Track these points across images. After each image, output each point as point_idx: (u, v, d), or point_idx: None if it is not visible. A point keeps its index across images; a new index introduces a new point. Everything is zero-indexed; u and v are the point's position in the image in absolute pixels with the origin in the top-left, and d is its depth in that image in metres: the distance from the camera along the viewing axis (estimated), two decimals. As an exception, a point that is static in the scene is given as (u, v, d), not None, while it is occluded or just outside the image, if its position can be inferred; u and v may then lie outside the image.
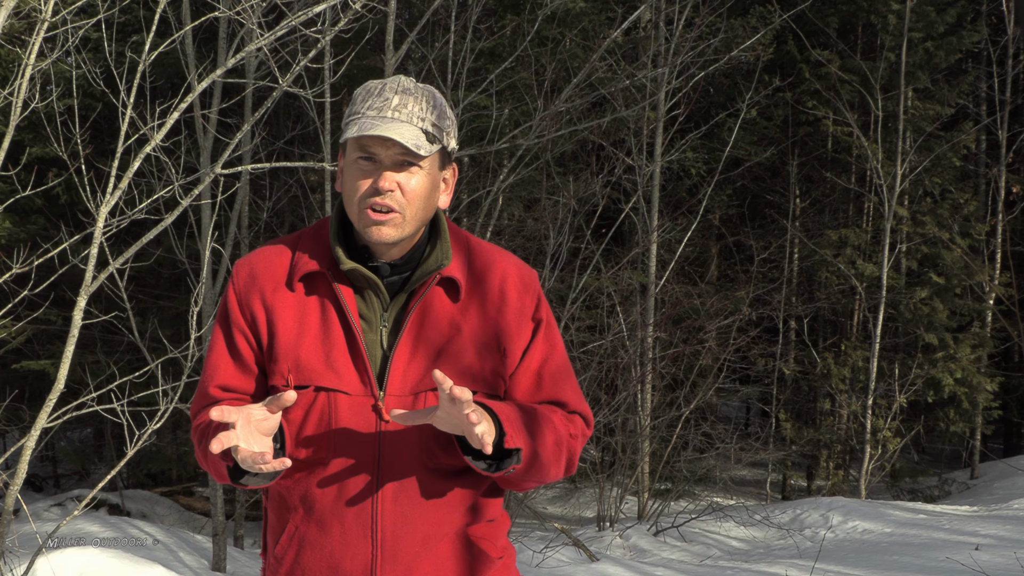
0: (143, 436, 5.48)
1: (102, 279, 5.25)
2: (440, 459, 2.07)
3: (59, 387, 5.12)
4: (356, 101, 2.05)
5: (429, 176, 2.06)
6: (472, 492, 2.13)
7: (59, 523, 6.08)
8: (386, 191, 2.01)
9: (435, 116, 2.04)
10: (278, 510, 2.16)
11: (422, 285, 2.09)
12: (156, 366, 5.82)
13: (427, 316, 2.09)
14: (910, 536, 9.81)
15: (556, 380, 2.17)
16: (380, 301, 2.09)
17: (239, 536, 10.58)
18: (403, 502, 2.06)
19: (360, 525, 2.06)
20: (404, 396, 2.05)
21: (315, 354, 2.06)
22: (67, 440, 14.90)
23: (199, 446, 2.14)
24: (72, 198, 10.79)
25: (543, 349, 2.16)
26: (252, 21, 5.72)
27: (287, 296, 2.10)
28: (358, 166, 2.04)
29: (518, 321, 2.13)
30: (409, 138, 1.99)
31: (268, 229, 11.91)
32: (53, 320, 11.09)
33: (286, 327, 2.08)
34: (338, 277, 2.08)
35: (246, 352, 2.12)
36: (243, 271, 2.14)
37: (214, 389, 2.13)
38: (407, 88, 2.04)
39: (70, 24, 5.49)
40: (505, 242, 11.47)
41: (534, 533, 10.76)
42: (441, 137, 2.05)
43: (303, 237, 2.15)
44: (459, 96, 9.87)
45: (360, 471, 2.05)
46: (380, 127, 1.98)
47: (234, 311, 2.13)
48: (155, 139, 5.27)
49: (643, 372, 11.70)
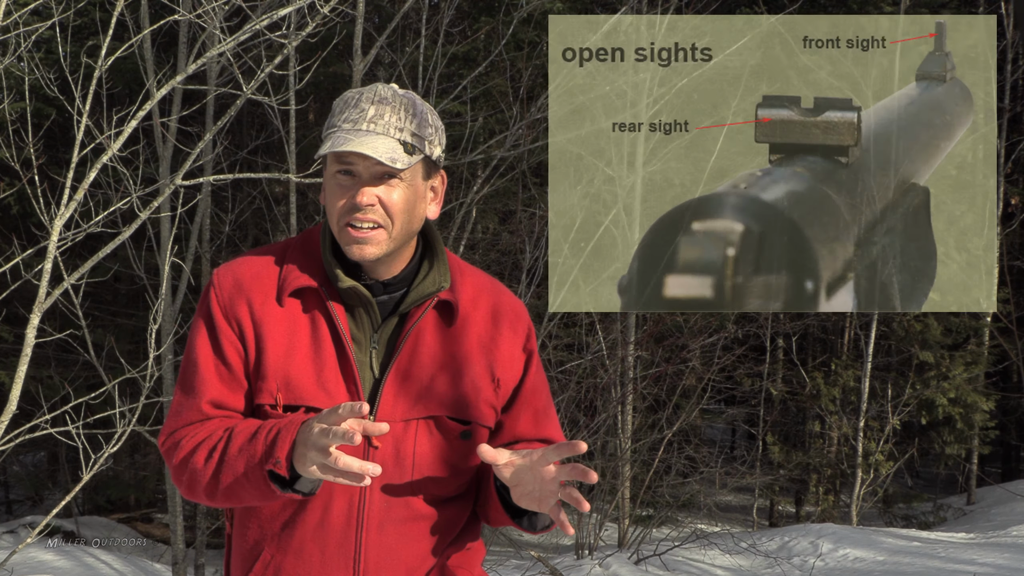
0: (99, 460, 5.49)
1: (56, 295, 5.29)
2: (430, 489, 2.06)
3: (11, 408, 5.18)
4: (334, 113, 2.03)
5: (411, 188, 2.02)
6: (456, 524, 2.12)
7: (11, 551, 6.04)
8: (365, 206, 1.98)
9: (415, 125, 2.00)
10: (247, 538, 2.09)
11: (418, 307, 2.06)
12: (113, 386, 5.82)
13: (420, 341, 2.07)
14: (904, 565, 9.71)
15: (549, 416, 2.19)
16: (371, 321, 2.06)
17: (200, 565, 10.39)
18: (389, 532, 2.03)
19: (342, 555, 2.02)
20: (395, 422, 2.02)
21: (306, 373, 2.02)
22: (19, 464, 14.73)
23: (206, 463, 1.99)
24: (25, 209, 10.68)
25: (537, 383, 2.17)
26: (214, 25, 5.70)
27: (276, 310, 2.05)
28: (337, 181, 2.01)
29: (511, 351, 2.13)
30: (384, 152, 1.95)
31: (231, 243, 11.86)
32: (5, 338, 11.04)
33: (275, 343, 2.03)
34: (331, 294, 2.05)
35: (236, 365, 2.05)
36: (227, 280, 2.08)
37: (206, 405, 2.04)
38: (384, 97, 2.01)
39: (23, 28, 5.50)
40: (479, 256, 11.36)
41: (509, 562, 10.72)
42: (422, 147, 2.01)
43: (290, 249, 2.11)
44: (431, 103, 9.61)
45: (344, 498, 2.01)
46: (353, 142, 1.95)
47: (220, 320, 2.06)
48: (112, 148, 5.29)
49: (623, 393, 11.58)
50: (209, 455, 1.99)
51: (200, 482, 2.01)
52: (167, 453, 2.08)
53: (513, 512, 2.06)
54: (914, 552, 10.19)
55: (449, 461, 2.06)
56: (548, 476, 1.90)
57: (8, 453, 6.30)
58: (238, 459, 1.94)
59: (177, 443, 2.04)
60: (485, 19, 11.30)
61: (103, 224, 5.56)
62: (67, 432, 5.52)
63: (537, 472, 1.91)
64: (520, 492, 1.96)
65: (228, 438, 1.97)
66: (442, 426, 2.05)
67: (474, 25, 11.42)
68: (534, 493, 1.94)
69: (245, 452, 1.93)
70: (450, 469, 2.06)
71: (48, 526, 10.96)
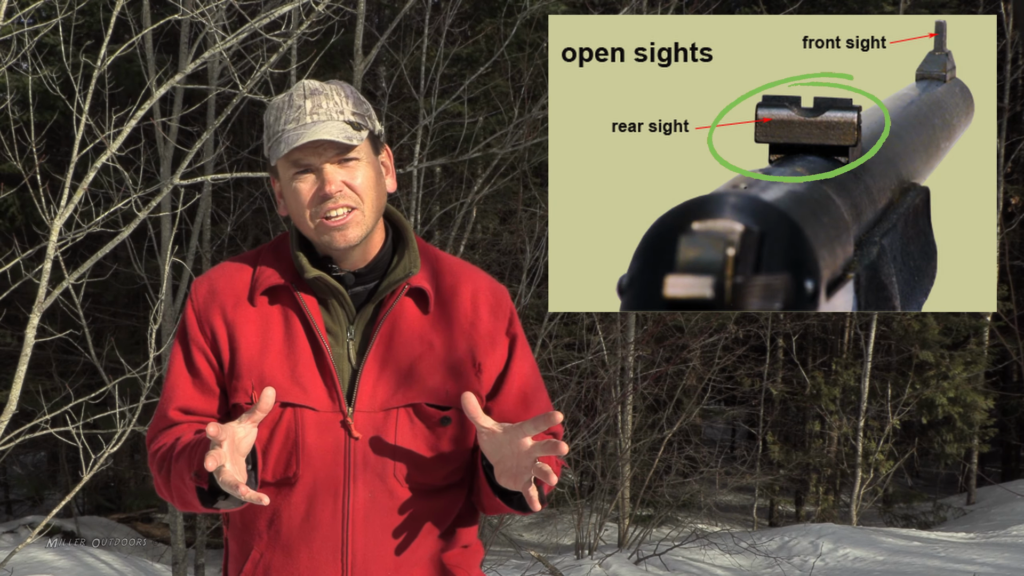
0: (99, 460, 5.47)
1: (56, 295, 5.28)
2: (415, 478, 2.04)
3: (11, 409, 5.13)
4: (269, 123, 2.05)
5: (370, 164, 2.05)
6: (447, 516, 2.10)
7: (11, 551, 6.03)
8: (334, 193, 1.99)
9: (351, 105, 2.04)
10: (240, 537, 2.10)
11: (391, 295, 2.07)
12: (113, 387, 5.81)
13: (396, 329, 2.06)
14: (903, 564, 9.73)
15: (537, 399, 2.17)
16: (346, 313, 2.06)
17: (200, 565, 10.37)
18: (375, 524, 2.02)
19: (329, 550, 2.01)
20: (374, 412, 2.02)
21: (280, 369, 2.02)
22: (20, 464, 14.79)
23: (160, 472, 2.05)
24: (25, 209, 10.74)
25: (523, 367, 2.16)
26: (214, 24, 5.68)
27: (249, 311, 2.07)
28: (296, 183, 2.02)
29: (492, 336, 2.12)
30: (337, 133, 1.98)
31: (231, 242, 11.82)
32: (6, 339, 11.04)
33: (248, 342, 2.04)
34: (301, 288, 2.06)
35: (206, 372, 2.08)
36: (202, 288, 2.11)
37: (173, 412, 2.08)
38: (315, 89, 2.03)
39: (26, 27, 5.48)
40: (480, 256, 11.33)
41: (509, 561, 10.75)
42: (365, 123, 2.04)
43: (263, 252, 2.13)
44: (432, 103, 9.77)
45: (329, 491, 2.01)
46: (306, 135, 1.97)
47: (193, 329, 2.09)
48: (112, 148, 5.26)
49: (624, 392, 11.56)
50: (162, 462, 2.03)
51: (162, 488, 2.07)
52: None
53: (503, 495, 2.03)
54: (914, 552, 10.21)
55: (432, 448, 2.05)
56: (523, 449, 1.88)
57: (8, 453, 6.29)
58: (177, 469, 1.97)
59: (149, 448, 2.11)
60: (487, 20, 11.28)
61: (103, 224, 5.53)
62: (67, 432, 5.50)
63: (515, 446, 1.90)
64: (500, 469, 1.95)
65: (174, 447, 2.00)
66: (422, 413, 2.04)
67: (476, 26, 11.40)
68: (511, 469, 1.92)
69: (180, 463, 1.96)
70: (434, 456, 2.05)
71: (48, 526, 10.93)
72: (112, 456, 5.75)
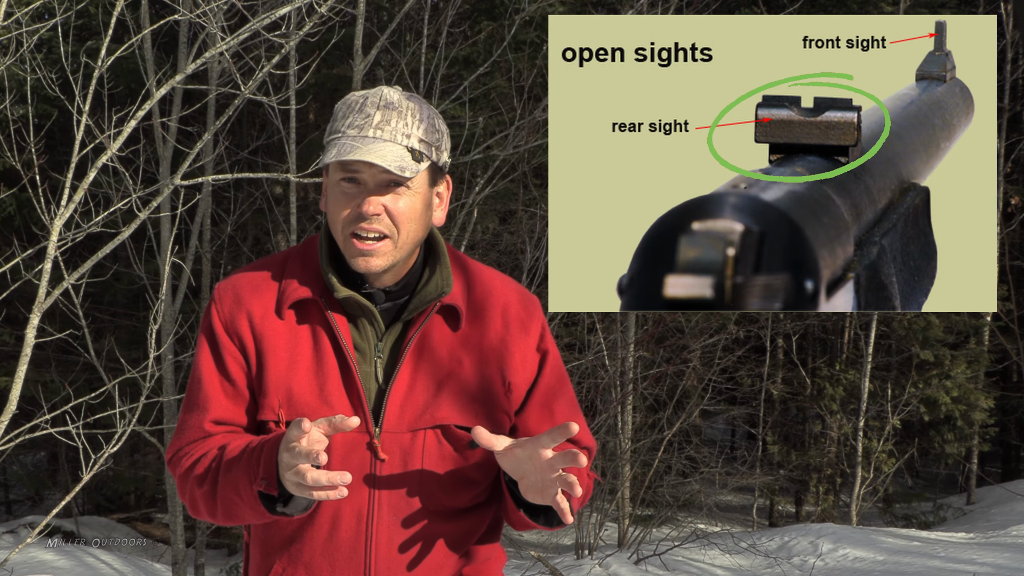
0: (99, 460, 5.47)
1: (56, 295, 5.28)
2: (441, 500, 2.00)
3: (11, 408, 5.14)
4: (336, 118, 1.95)
5: (419, 195, 1.96)
6: (472, 536, 2.06)
7: (11, 551, 6.02)
8: (371, 215, 1.91)
9: (422, 131, 1.93)
10: (263, 548, 2.06)
11: (420, 314, 2.00)
12: (113, 387, 5.80)
13: (426, 347, 2.00)
14: (903, 564, 9.71)
15: (566, 415, 2.09)
16: (375, 330, 2.00)
17: (200, 565, 10.39)
18: (399, 546, 1.98)
19: (352, 570, 1.97)
20: (401, 433, 1.97)
21: (308, 387, 1.97)
22: (19, 464, 14.67)
23: (202, 485, 1.96)
24: (25, 209, 10.65)
25: (551, 383, 2.09)
26: (214, 25, 5.67)
27: (277, 324, 2.00)
28: (341, 188, 1.94)
29: (523, 353, 2.06)
30: (392, 160, 1.88)
31: (231, 243, 11.79)
32: (5, 339, 11.02)
33: (277, 358, 1.98)
34: (331, 305, 1.99)
35: (240, 381, 2.01)
36: (227, 294, 2.03)
37: (209, 424, 2.00)
38: (390, 102, 1.94)
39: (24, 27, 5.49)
40: (480, 256, 11.28)
41: (509, 562, 10.51)
42: (430, 153, 1.95)
43: (290, 260, 2.05)
44: (432, 104, 9.58)
45: (353, 512, 1.97)
46: (360, 150, 1.88)
47: (222, 335, 2.01)
48: (112, 148, 5.25)
49: (624, 392, 11.52)
50: (204, 475, 1.96)
51: (200, 502, 1.99)
52: (172, 472, 2.06)
53: (529, 510, 1.98)
54: (914, 552, 10.20)
55: (460, 471, 2.00)
56: (544, 463, 1.84)
57: (8, 453, 6.29)
58: (230, 479, 1.90)
59: (180, 462, 2.02)
60: (487, 21, 11.25)
61: (103, 224, 5.54)
62: (67, 432, 5.51)
63: (536, 461, 1.85)
64: (525, 485, 1.90)
65: (221, 457, 1.93)
66: (450, 435, 1.99)
67: (476, 27, 11.36)
68: (536, 484, 1.87)
69: (235, 471, 1.89)
70: (461, 480, 2.01)
71: (48, 526, 10.94)
72: (112, 456, 5.74)
